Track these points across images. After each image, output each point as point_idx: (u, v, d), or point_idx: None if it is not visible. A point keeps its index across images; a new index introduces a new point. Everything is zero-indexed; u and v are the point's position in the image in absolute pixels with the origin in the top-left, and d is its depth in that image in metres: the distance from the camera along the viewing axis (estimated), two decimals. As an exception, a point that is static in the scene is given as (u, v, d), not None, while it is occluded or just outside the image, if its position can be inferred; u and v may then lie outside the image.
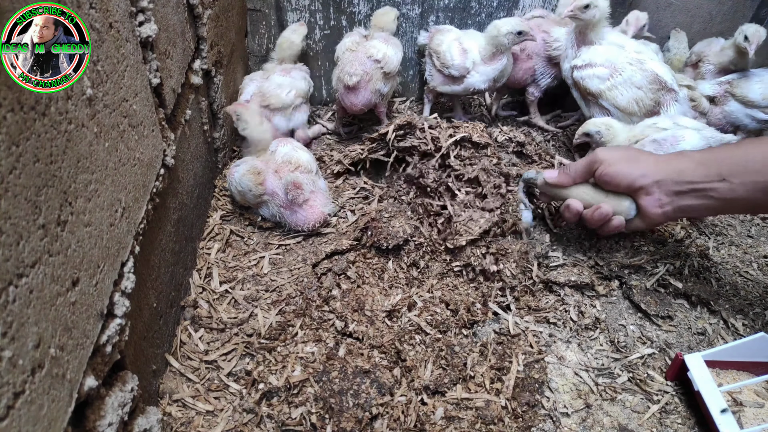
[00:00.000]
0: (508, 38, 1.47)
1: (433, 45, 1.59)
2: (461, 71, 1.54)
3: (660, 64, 1.44)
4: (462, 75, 1.55)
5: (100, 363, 0.66)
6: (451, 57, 1.53)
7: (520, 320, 1.13)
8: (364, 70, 1.48)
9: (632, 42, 1.49)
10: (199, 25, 1.21)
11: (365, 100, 1.53)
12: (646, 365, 1.06)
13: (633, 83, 1.40)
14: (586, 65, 1.45)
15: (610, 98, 1.43)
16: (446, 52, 1.54)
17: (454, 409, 0.95)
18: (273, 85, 1.52)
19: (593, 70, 1.43)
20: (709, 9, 1.97)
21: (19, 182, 0.50)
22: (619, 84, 1.41)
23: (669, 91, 1.41)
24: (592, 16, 1.42)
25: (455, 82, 1.58)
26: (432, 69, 1.62)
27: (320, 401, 0.94)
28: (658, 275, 1.20)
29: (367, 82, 1.49)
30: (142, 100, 0.84)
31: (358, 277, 1.19)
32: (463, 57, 1.52)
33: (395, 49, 1.53)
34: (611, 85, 1.41)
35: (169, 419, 0.93)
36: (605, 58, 1.43)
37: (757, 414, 0.96)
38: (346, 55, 1.53)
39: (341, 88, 1.52)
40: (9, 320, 0.48)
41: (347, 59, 1.51)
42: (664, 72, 1.42)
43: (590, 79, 1.44)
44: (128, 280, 0.74)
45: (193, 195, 1.22)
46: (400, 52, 1.55)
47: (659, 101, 1.42)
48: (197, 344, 1.06)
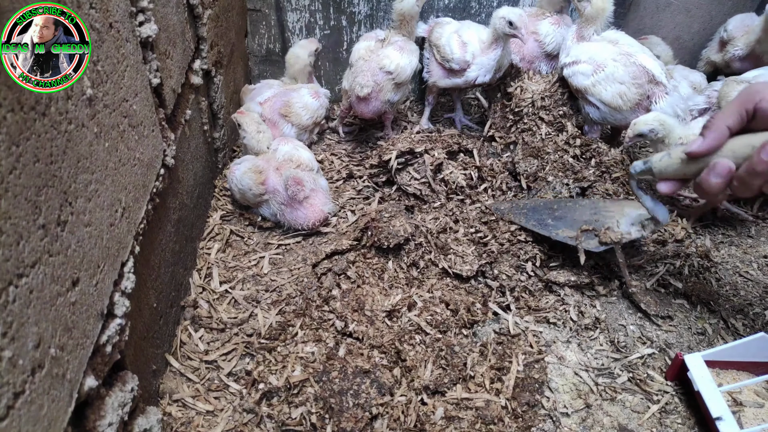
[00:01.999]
0: (500, 23, 1.46)
1: (433, 38, 1.58)
2: (461, 64, 1.54)
3: (650, 58, 1.44)
4: (462, 68, 1.55)
5: (100, 363, 0.66)
6: (450, 50, 1.53)
7: (520, 320, 1.13)
8: (375, 81, 1.48)
9: (627, 37, 1.50)
10: (199, 25, 1.21)
11: (375, 109, 1.54)
12: (646, 365, 1.06)
13: (615, 78, 1.41)
14: (573, 62, 1.46)
15: (595, 93, 1.44)
16: (446, 45, 1.54)
17: (454, 409, 0.95)
18: (300, 104, 1.54)
19: (578, 67, 1.45)
20: (709, 9, 1.97)
21: (19, 182, 0.50)
22: (602, 80, 1.42)
23: (657, 84, 1.42)
24: (583, 8, 1.43)
25: (456, 75, 1.58)
26: (432, 63, 1.61)
27: (320, 401, 0.94)
28: (658, 275, 1.20)
29: (378, 92, 1.49)
30: (142, 100, 0.84)
31: (358, 277, 1.19)
32: (462, 50, 1.53)
33: (410, 57, 1.51)
34: (595, 81, 1.43)
35: (169, 419, 0.93)
36: (589, 55, 1.44)
37: (757, 414, 0.96)
38: (359, 63, 1.52)
39: (353, 96, 1.52)
40: (9, 320, 0.48)
41: (360, 68, 1.50)
42: (653, 65, 1.42)
43: (575, 76, 1.46)
44: (128, 280, 0.74)
45: (193, 195, 1.22)
46: (415, 59, 1.53)
47: (646, 94, 1.43)
48: (197, 344, 1.06)
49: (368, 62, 1.50)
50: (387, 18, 1.71)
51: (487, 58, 1.53)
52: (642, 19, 1.84)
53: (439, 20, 1.64)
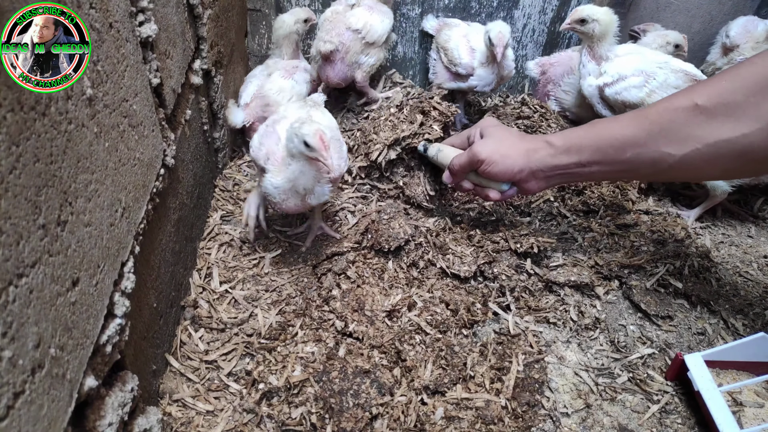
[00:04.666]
0: (485, 37, 1.45)
1: (441, 40, 1.58)
2: (468, 70, 1.54)
3: (682, 62, 1.44)
4: (469, 73, 1.55)
5: (100, 363, 0.66)
6: (458, 55, 1.53)
7: (520, 320, 1.13)
8: (340, 41, 1.41)
9: (646, 49, 1.49)
10: (199, 25, 1.21)
11: (342, 74, 1.46)
12: (646, 365, 1.06)
13: (670, 84, 1.39)
14: (617, 80, 1.43)
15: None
16: (454, 49, 1.53)
17: (454, 409, 0.95)
18: (275, 89, 1.46)
19: (627, 82, 1.42)
20: (709, 9, 1.97)
21: (19, 182, 0.50)
22: (657, 88, 1.40)
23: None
24: (591, 30, 1.42)
25: (461, 80, 1.58)
26: (438, 65, 1.61)
27: (320, 401, 0.94)
28: (658, 275, 1.20)
29: (345, 54, 1.42)
30: (142, 100, 0.84)
31: (358, 277, 1.19)
32: (470, 56, 1.52)
33: (381, 17, 1.44)
34: (650, 91, 1.41)
35: (169, 419, 0.93)
36: (633, 67, 1.42)
37: (757, 414, 0.96)
38: (325, 25, 1.46)
39: (318, 59, 1.45)
40: (9, 320, 0.48)
41: (325, 29, 1.44)
42: (690, 67, 1.42)
43: (627, 92, 1.43)
44: (128, 280, 0.74)
45: (194, 195, 1.22)
46: (387, 21, 1.45)
47: None
48: (197, 344, 1.06)
49: (334, 22, 1.44)
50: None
51: (485, 70, 1.53)
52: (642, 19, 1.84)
53: (447, 21, 1.63)
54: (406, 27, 1.74)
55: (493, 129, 1.18)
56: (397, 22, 1.72)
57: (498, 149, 1.12)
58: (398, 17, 1.70)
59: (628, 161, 1.00)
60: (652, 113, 0.98)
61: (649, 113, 0.99)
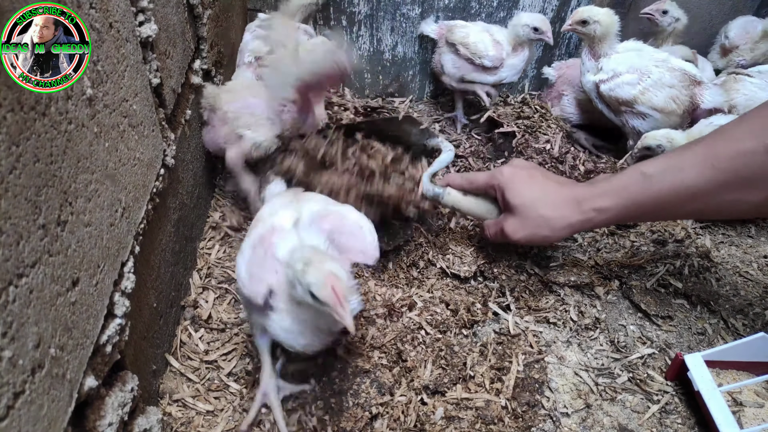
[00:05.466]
0: (524, 30, 1.48)
1: (458, 38, 1.57)
2: (495, 62, 1.55)
3: (681, 61, 1.44)
4: (495, 66, 1.56)
5: (100, 363, 0.66)
6: (484, 48, 1.53)
7: (520, 320, 1.13)
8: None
9: (647, 46, 1.49)
10: (199, 25, 1.21)
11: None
12: (646, 365, 1.06)
13: (664, 83, 1.40)
14: (611, 77, 1.44)
15: (645, 102, 1.42)
16: (478, 42, 1.53)
17: (454, 409, 0.95)
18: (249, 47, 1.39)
19: (621, 79, 1.43)
20: (709, 9, 1.97)
21: (19, 182, 0.50)
22: (651, 86, 1.40)
23: (698, 84, 1.42)
24: (592, 30, 1.42)
25: (488, 72, 1.58)
26: (458, 60, 1.59)
27: (320, 401, 0.94)
28: (658, 275, 1.20)
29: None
30: (142, 100, 0.84)
31: (358, 276, 1.19)
32: (497, 49, 1.53)
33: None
34: (643, 89, 1.41)
35: (169, 419, 0.93)
36: (628, 65, 1.43)
37: (757, 414, 0.96)
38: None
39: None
40: (9, 320, 0.48)
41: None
42: (689, 67, 1.42)
43: (620, 88, 1.44)
44: (128, 280, 0.74)
45: (194, 195, 1.21)
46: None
47: (693, 96, 1.42)
48: (197, 344, 1.06)
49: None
50: (387, 18, 1.71)
51: (517, 59, 1.56)
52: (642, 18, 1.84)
53: (452, 23, 1.63)
54: (406, 27, 1.73)
55: (521, 200, 1.06)
56: (398, 22, 1.72)
57: (537, 232, 1.06)
58: (398, 17, 1.70)
59: (689, 213, 0.99)
60: (722, 161, 0.91)
61: (716, 161, 0.92)
